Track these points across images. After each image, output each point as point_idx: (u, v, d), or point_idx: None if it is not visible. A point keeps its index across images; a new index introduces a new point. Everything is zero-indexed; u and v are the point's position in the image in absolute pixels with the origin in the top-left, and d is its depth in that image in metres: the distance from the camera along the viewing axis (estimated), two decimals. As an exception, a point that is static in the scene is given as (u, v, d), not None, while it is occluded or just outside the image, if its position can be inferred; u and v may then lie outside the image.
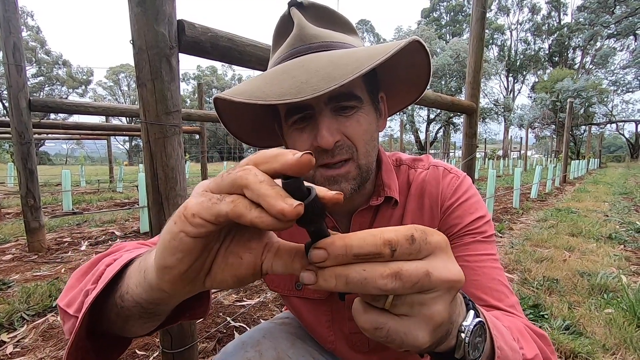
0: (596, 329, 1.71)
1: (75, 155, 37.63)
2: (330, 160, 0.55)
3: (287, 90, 0.46)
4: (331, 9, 0.61)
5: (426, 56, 0.56)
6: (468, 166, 2.82)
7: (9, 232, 3.65)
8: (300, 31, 0.55)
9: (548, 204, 6.00)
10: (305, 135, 0.56)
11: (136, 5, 0.84)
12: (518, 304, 0.60)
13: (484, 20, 2.63)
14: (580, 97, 24.79)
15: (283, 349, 0.69)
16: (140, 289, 0.35)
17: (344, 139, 0.55)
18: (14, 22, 2.74)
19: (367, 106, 0.58)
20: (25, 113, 2.82)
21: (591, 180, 10.94)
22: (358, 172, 0.57)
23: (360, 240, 0.26)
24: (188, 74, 51.04)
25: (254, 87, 0.50)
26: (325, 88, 0.44)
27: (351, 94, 0.55)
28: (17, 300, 1.97)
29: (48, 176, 10.06)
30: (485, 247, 0.62)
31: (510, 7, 44.42)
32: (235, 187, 0.27)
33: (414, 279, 0.26)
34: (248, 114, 0.65)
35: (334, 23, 0.60)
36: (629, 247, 3.21)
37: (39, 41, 35.44)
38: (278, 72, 0.51)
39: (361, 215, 0.66)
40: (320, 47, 0.54)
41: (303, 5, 0.58)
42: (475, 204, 0.65)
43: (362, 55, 0.48)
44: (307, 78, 0.46)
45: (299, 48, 0.55)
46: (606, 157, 32.28)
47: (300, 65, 0.50)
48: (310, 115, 0.55)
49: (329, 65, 0.47)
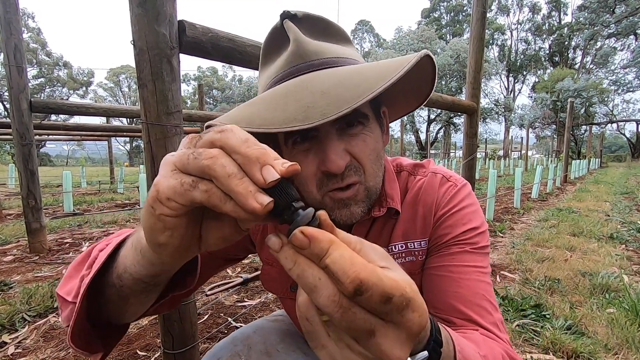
0: (598, 329, 1.70)
1: (76, 156, 37.73)
2: (339, 184, 0.52)
3: (292, 115, 0.43)
4: (326, 19, 0.57)
5: (432, 70, 0.53)
6: (469, 166, 2.82)
7: (10, 233, 3.66)
8: (298, 47, 0.51)
9: (549, 203, 5.99)
10: (311, 158, 0.52)
11: (137, 6, 0.84)
12: (502, 322, 0.57)
13: (484, 20, 2.63)
14: (581, 96, 24.75)
15: (272, 344, 0.70)
16: (139, 266, 0.37)
17: (352, 160, 0.52)
18: (14, 23, 2.75)
19: (372, 124, 0.56)
20: (26, 114, 2.82)
21: (592, 180, 10.93)
22: (366, 194, 0.55)
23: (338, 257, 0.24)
24: (189, 74, 51.11)
25: (252, 113, 0.46)
26: (336, 112, 0.41)
27: (358, 112, 0.52)
28: (18, 301, 1.97)
29: (49, 177, 10.08)
30: (473, 258, 0.59)
31: (510, 7, 44.41)
32: (204, 174, 0.27)
33: (356, 326, 0.25)
34: None
35: (329, 35, 0.57)
36: (631, 246, 3.21)
37: (39, 43, 35.52)
38: (279, 95, 0.47)
39: (362, 225, 0.64)
40: (322, 65, 0.51)
41: (297, 17, 0.54)
42: (469, 214, 0.62)
43: (371, 75, 0.45)
44: (312, 101, 0.43)
45: (299, 66, 0.51)
46: (607, 157, 32.20)
47: (304, 86, 0.46)
48: (313, 136, 0.51)
49: (338, 86, 0.44)
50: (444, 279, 0.58)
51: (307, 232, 0.25)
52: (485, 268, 0.61)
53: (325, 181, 0.52)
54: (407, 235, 0.64)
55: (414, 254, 0.64)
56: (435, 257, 0.62)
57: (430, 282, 0.60)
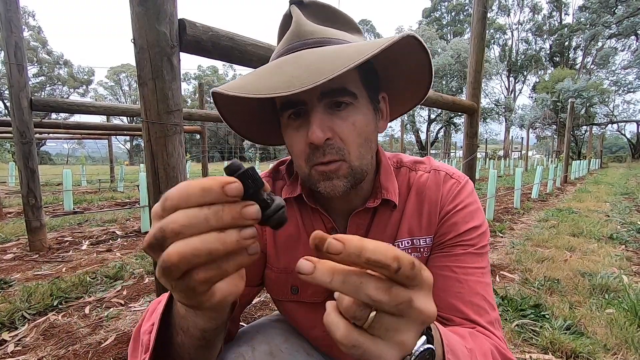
0: (597, 329, 1.70)
1: (76, 154, 37.71)
2: (321, 159, 0.54)
3: (276, 85, 0.46)
4: (334, 7, 0.60)
5: (425, 54, 0.55)
6: (469, 166, 2.82)
7: (10, 231, 3.66)
8: (297, 28, 0.55)
9: (549, 204, 5.99)
10: (301, 133, 0.56)
11: (137, 4, 0.84)
12: (498, 321, 0.60)
13: (485, 20, 2.63)
14: (582, 97, 24.73)
15: (276, 344, 0.69)
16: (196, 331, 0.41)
17: (335, 138, 0.54)
18: (15, 21, 2.75)
19: (363, 104, 0.57)
20: (26, 112, 2.82)
21: (592, 180, 10.93)
22: (350, 172, 0.56)
23: (375, 247, 0.27)
24: (189, 73, 51.10)
25: (247, 81, 0.50)
26: (313, 82, 0.44)
27: (344, 89, 0.54)
28: (18, 299, 1.97)
29: (49, 176, 10.09)
30: (475, 259, 0.61)
31: (511, 7, 44.38)
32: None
33: (400, 299, 0.28)
34: (248, 109, 0.65)
35: (335, 21, 0.60)
36: (630, 247, 3.21)
37: (40, 41, 35.50)
38: (271, 67, 0.52)
39: (358, 216, 0.65)
40: (316, 43, 0.54)
41: (304, 4, 0.58)
42: (472, 212, 0.64)
43: (353, 50, 0.47)
44: (298, 73, 0.46)
45: (294, 44, 0.55)
46: (607, 158, 32.19)
47: (293, 61, 0.50)
48: (304, 111, 0.55)
49: (320, 60, 0.47)
50: (447, 279, 0.60)
51: (338, 237, 0.28)
52: (485, 268, 0.62)
53: (311, 155, 0.55)
54: (412, 232, 0.65)
55: (419, 251, 0.65)
56: (439, 256, 0.63)
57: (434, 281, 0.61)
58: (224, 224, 0.29)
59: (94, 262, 2.75)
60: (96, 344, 1.61)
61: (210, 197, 0.29)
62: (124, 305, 2.02)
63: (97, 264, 2.71)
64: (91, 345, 1.59)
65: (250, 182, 0.30)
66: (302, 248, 0.68)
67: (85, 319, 1.84)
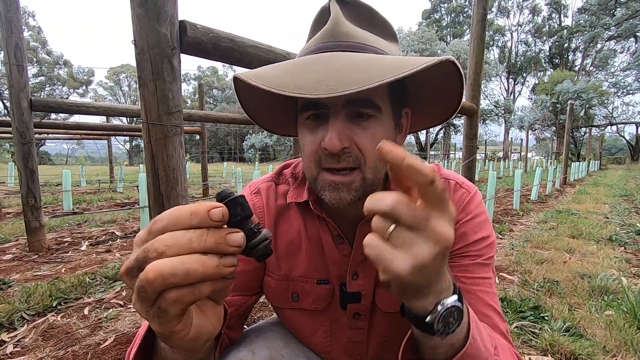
0: (596, 331, 1.70)
1: (76, 155, 37.67)
2: (334, 165, 0.53)
3: (302, 84, 0.45)
4: (373, 9, 0.58)
5: (459, 80, 0.53)
6: (468, 167, 2.82)
7: (10, 231, 3.65)
8: (334, 27, 0.53)
9: (548, 205, 6.00)
10: (316, 135, 0.54)
11: (138, 5, 0.84)
12: (508, 332, 0.60)
13: (484, 21, 2.63)
14: (581, 99, 24.76)
15: (277, 348, 0.68)
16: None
17: (353, 147, 0.52)
18: (15, 22, 2.75)
19: (386, 118, 0.55)
20: (26, 113, 2.82)
21: (591, 182, 10.94)
22: (362, 184, 0.54)
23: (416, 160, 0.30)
24: (189, 74, 51.10)
25: (274, 74, 0.49)
26: (342, 91, 0.42)
27: (370, 101, 0.52)
28: (17, 300, 1.97)
29: (49, 176, 10.07)
30: (483, 270, 0.61)
31: (511, 8, 44.48)
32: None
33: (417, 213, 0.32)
34: (267, 98, 0.63)
35: (372, 24, 0.58)
36: (629, 249, 3.21)
37: (40, 41, 35.48)
38: (300, 63, 0.50)
39: (367, 225, 0.64)
40: (350, 47, 0.52)
41: (345, 1, 0.56)
42: (481, 223, 0.64)
43: (387, 64, 0.46)
44: (326, 76, 0.45)
45: (327, 43, 0.53)
46: (606, 159, 32.20)
47: (323, 62, 0.48)
48: (324, 115, 0.53)
49: (351, 67, 0.45)
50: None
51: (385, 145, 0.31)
52: (492, 278, 0.63)
53: (322, 159, 0.54)
54: None
55: None
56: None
57: None
58: (207, 248, 0.30)
59: (93, 263, 2.74)
60: (95, 345, 1.60)
61: (196, 221, 0.30)
62: (123, 306, 2.02)
63: (97, 264, 2.70)
64: (90, 346, 1.59)
65: (238, 210, 0.31)
66: (304, 255, 0.67)
67: (84, 320, 1.84)
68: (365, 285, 0.66)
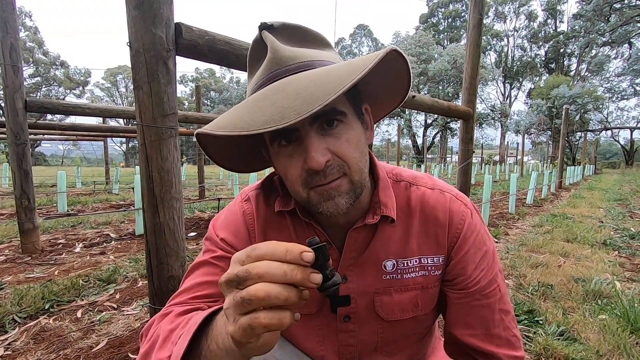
0: (590, 335, 1.71)
1: (72, 156, 37.45)
2: (322, 181, 0.54)
3: (269, 118, 0.45)
4: (303, 27, 0.59)
5: (404, 63, 0.55)
6: (464, 171, 2.83)
7: (3, 233, 3.62)
8: (275, 54, 0.54)
9: (544, 209, 6.03)
10: (295, 159, 0.54)
11: (134, 8, 0.84)
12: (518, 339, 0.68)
13: (480, 26, 2.65)
14: (576, 103, 24.99)
15: (271, 352, 0.69)
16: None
17: (334, 158, 0.54)
18: (11, 22, 2.73)
19: (352, 120, 0.57)
20: (21, 114, 2.81)
21: (586, 186, 11.02)
22: (351, 187, 0.56)
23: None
24: (186, 76, 51.01)
25: (235, 117, 0.49)
26: (309, 110, 0.43)
27: (335, 110, 0.53)
28: (9, 303, 1.95)
29: (43, 177, 10.00)
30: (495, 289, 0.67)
31: (507, 13, 44.86)
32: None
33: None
34: (234, 143, 0.65)
35: (307, 41, 0.59)
36: (623, 253, 3.23)
37: (36, 42, 35.30)
38: (258, 98, 0.50)
39: (357, 232, 0.65)
40: (298, 68, 0.53)
41: (274, 27, 0.57)
42: (483, 235, 0.68)
43: (342, 72, 0.47)
44: (289, 103, 0.45)
45: (276, 72, 0.54)
46: (601, 164, 32.41)
47: (281, 89, 0.48)
48: (296, 137, 0.54)
49: (310, 85, 0.46)
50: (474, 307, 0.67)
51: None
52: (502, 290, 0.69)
53: (309, 179, 0.54)
54: (421, 251, 0.67)
55: (426, 269, 0.67)
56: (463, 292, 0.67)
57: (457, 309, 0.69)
58: (294, 281, 0.37)
59: (87, 265, 2.72)
60: (87, 348, 1.59)
61: (290, 257, 0.37)
62: (117, 309, 2.00)
63: (90, 266, 2.68)
64: (82, 350, 1.57)
65: (321, 256, 0.39)
66: None
67: (77, 323, 1.82)
68: (354, 288, 0.67)
